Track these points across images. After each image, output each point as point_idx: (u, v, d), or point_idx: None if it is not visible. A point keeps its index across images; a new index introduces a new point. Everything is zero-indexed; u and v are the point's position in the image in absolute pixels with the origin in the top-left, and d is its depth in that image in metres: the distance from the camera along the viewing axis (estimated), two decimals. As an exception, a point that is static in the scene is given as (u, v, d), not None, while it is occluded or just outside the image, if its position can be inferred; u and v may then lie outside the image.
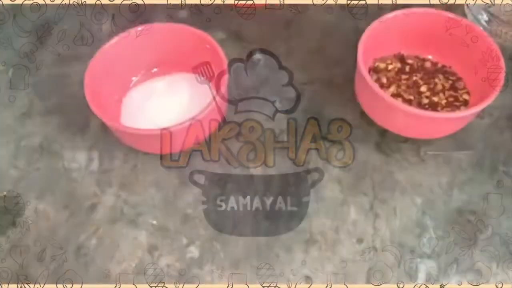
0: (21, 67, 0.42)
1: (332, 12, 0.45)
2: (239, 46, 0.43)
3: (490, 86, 0.34)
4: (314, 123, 0.38)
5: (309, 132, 0.38)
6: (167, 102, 0.37)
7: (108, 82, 0.36)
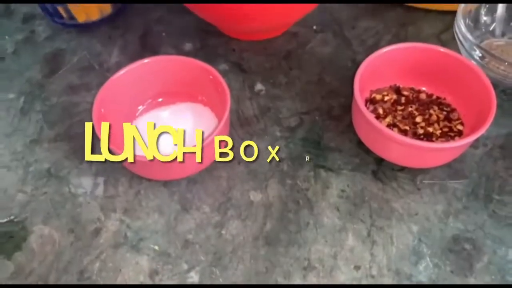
0: (32, 95, 0.44)
1: (331, 45, 0.47)
2: (241, 77, 0.45)
3: (482, 118, 0.35)
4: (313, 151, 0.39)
5: (308, 159, 0.39)
6: (171, 131, 0.39)
7: (115, 111, 0.37)
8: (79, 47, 0.48)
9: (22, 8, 0.53)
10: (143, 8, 0.51)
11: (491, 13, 0.45)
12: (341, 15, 0.50)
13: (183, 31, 0.49)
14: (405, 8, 0.50)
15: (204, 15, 0.44)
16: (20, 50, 0.48)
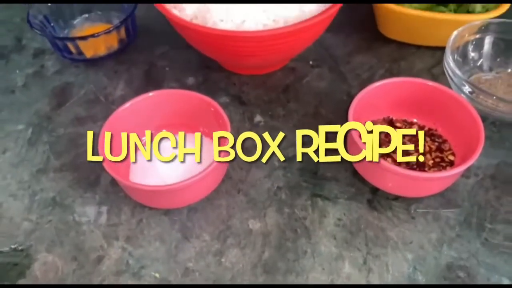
0: (40, 127, 0.46)
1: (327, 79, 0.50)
2: (241, 109, 0.47)
3: (472, 149, 0.37)
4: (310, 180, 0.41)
5: (305, 189, 0.40)
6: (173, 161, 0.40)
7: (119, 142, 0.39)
8: (86, 80, 0.51)
9: (33, 43, 0.55)
10: (148, 44, 0.54)
11: (478, 49, 0.48)
12: (336, 50, 0.53)
13: (186, 66, 0.51)
14: (397, 44, 0.53)
15: (206, 51, 0.46)
16: (30, 83, 0.51)
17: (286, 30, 0.39)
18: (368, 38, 0.54)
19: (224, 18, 0.41)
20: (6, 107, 0.48)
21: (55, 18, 0.53)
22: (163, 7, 0.41)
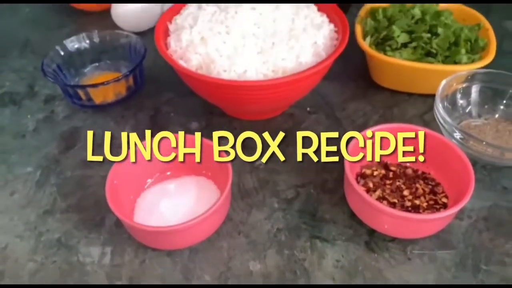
0: (48, 169, 0.48)
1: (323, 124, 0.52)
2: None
3: (463, 192, 0.38)
4: (309, 222, 0.42)
5: (304, 231, 0.41)
6: (176, 202, 0.41)
7: (126, 183, 0.40)
8: (94, 125, 0.53)
9: (44, 90, 0.58)
10: (155, 91, 0.57)
11: (466, 97, 0.51)
12: (332, 98, 0.55)
13: (190, 111, 0.54)
14: (390, 92, 0.56)
15: (210, 98, 0.49)
16: (40, 128, 0.53)
17: (285, 80, 0.42)
18: (362, 86, 0.57)
19: (227, 69, 0.44)
20: (16, 151, 0.50)
21: (67, 67, 0.56)
22: (171, 58, 0.44)
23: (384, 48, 0.53)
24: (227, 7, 0.48)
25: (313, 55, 0.46)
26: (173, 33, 0.48)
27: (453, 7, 0.58)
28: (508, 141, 0.48)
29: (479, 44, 0.53)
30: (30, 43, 0.68)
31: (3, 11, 0.77)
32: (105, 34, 0.58)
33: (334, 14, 0.50)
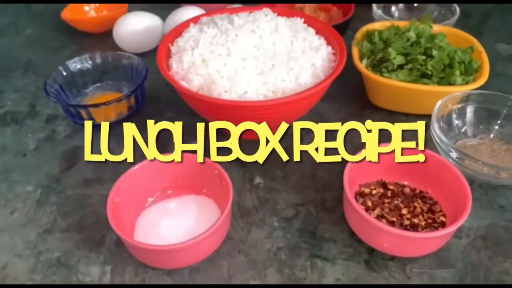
0: (49, 188, 0.48)
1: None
2: (242, 171, 0.49)
3: (461, 210, 0.39)
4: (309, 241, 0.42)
5: (304, 249, 0.41)
6: (177, 221, 0.42)
7: (127, 202, 0.41)
8: (94, 144, 0.53)
9: (46, 110, 0.59)
10: (156, 110, 0.58)
11: (462, 118, 0.52)
12: (330, 118, 0.56)
13: (190, 131, 0.54)
14: (387, 112, 0.57)
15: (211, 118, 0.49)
16: (41, 147, 0.53)
17: (284, 101, 0.43)
18: (360, 106, 0.58)
19: (228, 90, 0.44)
20: (17, 169, 0.50)
21: (69, 87, 0.57)
22: (173, 79, 0.45)
23: (381, 69, 0.54)
24: (227, 29, 0.49)
25: (311, 76, 0.47)
26: (175, 55, 0.49)
27: (447, 31, 0.60)
28: (503, 160, 0.48)
29: (472, 66, 0.55)
30: (32, 64, 0.69)
31: (5, 31, 0.78)
32: (107, 55, 0.59)
33: (331, 37, 0.52)
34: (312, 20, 0.55)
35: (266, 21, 0.51)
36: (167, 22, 0.67)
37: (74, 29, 0.75)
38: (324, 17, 0.69)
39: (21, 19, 0.82)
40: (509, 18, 0.78)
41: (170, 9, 0.70)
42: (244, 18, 0.51)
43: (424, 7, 0.73)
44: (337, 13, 0.70)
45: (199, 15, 0.55)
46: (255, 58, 0.47)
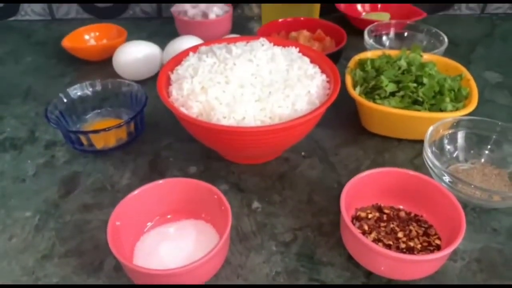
0: (48, 214, 0.48)
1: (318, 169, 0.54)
2: (239, 196, 0.50)
3: (455, 233, 0.39)
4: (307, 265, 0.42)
5: (303, 274, 0.42)
6: (176, 246, 0.42)
7: (126, 226, 0.41)
8: (94, 170, 0.54)
9: (45, 136, 0.60)
10: (154, 136, 0.59)
11: (453, 143, 0.53)
12: (326, 143, 0.58)
13: (188, 156, 0.56)
14: (380, 138, 0.58)
15: (209, 144, 0.51)
16: (40, 172, 0.54)
17: (281, 126, 0.44)
18: (354, 132, 0.60)
19: (227, 116, 0.46)
20: (16, 195, 0.51)
21: (69, 113, 0.58)
22: (173, 106, 0.47)
23: (373, 96, 0.56)
24: (225, 58, 0.51)
25: (307, 103, 0.48)
26: (174, 83, 0.51)
27: (436, 59, 0.63)
28: (495, 184, 0.50)
29: (462, 93, 0.57)
30: (32, 91, 0.70)
31: (6, 59, 0.80)
32: (108, 82, 0.60)
33: (325, 66, 0.54)
34: (306, 49, 0.57)
35: (263, 50, 0.53)
36: (166, 50, 0.69)
37: (74, 57, 0.76)
38: (318, 47, 0.71)
39: (22, 48, 0.84)
40: (496, 48, 0.82)
41: (168, 38, 0.72)
42: (242, 48, 0.53)
43: (414, 37, 0.76)
44: (330, 42, 0.73)
45: (198, 45, 0.57)
46: (252, 85, 0.49)
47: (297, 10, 0.79)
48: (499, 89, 0.68)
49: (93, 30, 0.80)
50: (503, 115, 0.62)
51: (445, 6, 0.94)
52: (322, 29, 0.75)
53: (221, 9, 0.81)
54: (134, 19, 0.94)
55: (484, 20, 0.93)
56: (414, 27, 0.77)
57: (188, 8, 0.79)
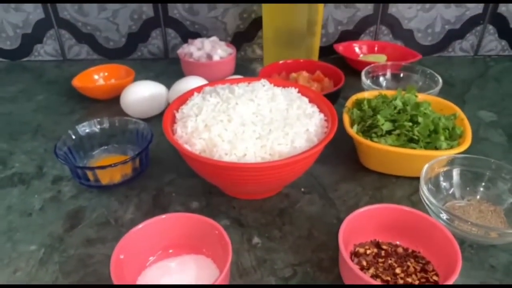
0: (52, 247, 0.49)
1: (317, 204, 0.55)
2: (240, 231, 0.51)
3: (452, 270, 0.40)
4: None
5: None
6: (177, 281, 0.43)
7: (129, 260, 0.42)
8: (98, 204, 0.55)
9: (53, 171, 0.62)
10: (158, 172, 0.60)
11: (449, 180, 0.55)
12: (325, 179, 0.59)
13: (191, 191, 0.57)
14: (378, 174, 0.60)
15: (211, 179, 0.52)
16: (46, 207, 0.55)
17: (281, 163, 0.46)
18: (352, 169, 0.61)
19: (228, 152, 0.48)
20: (22, 229, 0.52)
21: (77, 149, 0.60)
22: (177, 143, 0.49)
23: (370, 135, 0.58)
24: (228, 98, 0.53)
25: (306, 141, 0.50)
26: (179, 121, 0.53)
27: (431, 99, 0.65)
28: (491, 220, 0.51)
29: (456, 132, 0.59)
30: (42, 127, 0.73)
31: (18, 97, 0.83)
32: (115, 120, 0.63)
33: (323, 105, 0.56)
34: (305, 90, 0.60)
35: (264, 90, 0.55)
36: (172, 90, 0.72)
37: (83, 95, 0.80)
38: (317, 87, 0.74)
39: (34, 87, 0.88)
40: (489, 88, 0.85)
41: (174, 79, 0.75)
42: (244, 88, 0.56)
43: (409, 78, 0.79)
44: (329, 83, 0.76)
45: (203, 85, 0.60)
46: (253, 123, 0.51)
47: (297, 52, 0.83)
48: (493, 127, 0.71)
49: (102, 70, 0.84)
50: (498, 153, 0.64)
51: (439, 48, 0.98)
52: (321, 70, 0.78)
53: (225, 51, 0.85)
54: (142, 60, 0.99)
55: (478, 62, 0.97)
56: (410, 68, 0.80)
57: (193, 50, 0.83)
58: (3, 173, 0.62)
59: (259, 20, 0.93)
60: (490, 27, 0.95)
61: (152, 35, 0.96)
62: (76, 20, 0.94)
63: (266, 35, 0.85)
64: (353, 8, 0.93)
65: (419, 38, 0.97)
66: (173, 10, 0.92)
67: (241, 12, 0.93)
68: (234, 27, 0.95)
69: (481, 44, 0.97)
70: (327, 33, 0.96)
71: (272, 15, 0.82)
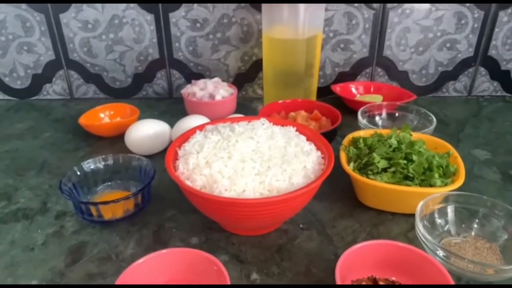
0: (53, 283, 0.50)
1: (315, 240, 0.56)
2: (239, 267, 0.52)
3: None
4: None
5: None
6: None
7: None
8: (100, 239, 0.56)
9: (56, 206, 0.63)
10: (159, 208, 0.62)
11: (444, 217, 0.56)
12: (323, 216, 0.60)
13: (191, 227, 0.58)
14: (375, 211, 0.61)
15: (211, 215, 0.53)
16: (49, 242, 0.56)
17: (279, 199, 0.48)
18: (350, 205, 0.62)
19: (228, 188, 0.49)
20: (23, 264, 0.53)
21: (81, 185, 0.62)
22: (179, 179, 0.50)
23: (366, 172, 0.60)
24: (229, 136, 0.56)
25: (303, 177, 0.52)
26: (181, 158, 0.55)
27: (425, 138, 0.67)
28: (487, 257, 0.51)
29: (450, 169, 0.60)
30: (47, 164, 0.75)
31: (25, 135, 0.86)
32: (119, 157, 0.65)
33: (320, 143, 0.58)
34: (303, 128, 0.62)
35: (263, 129, 0.58)
36: (175, 128, 0.75)
37: (89, 133, 0.82)
38: (315, 126, 0.77)
39: (41, 124, 0.91)
40: (483, 127, 0.87)
41: (177, 117, 0.78)
42: (244, 127, 0.58)
43: (404, 117, 0.82)
44: (326, 122, 0.78)
45: (205, 123, 0.62)
46: (253, 160, 0.53)
47: (296, 93, 0.86)
48: (487, 165, 0.72)
49: (108, 109, 0.87)
50: (492, 191, 0.65)
51: (434, 88, 1.02)
52: (318, 109, 0.81)
53: (227, 91, 0.89)
54: (147, 99, 1.02)
55: (471, 102, 1.00)
56: (405, 108, 0.83)
57: (196, 90, 0.87)
58: (8, 208, 0.63)
59: (259, 62, 0.97)
60: (482, 69, 0.99)
61: (157, 76, 1.00)
62: (85, 61, 0.98)
63: (266, 76, 0.88)
64: (349, 51, 0.97)
65: (414, 79, 1.00)
66: (177, 52, 0.97)
67: (242, 55, 0.97)
68: (236, 68, 0.99)
69: (474, 85, 1.01)
70: (325, 74, 1.00)
71: (272, 57, 0.86)
